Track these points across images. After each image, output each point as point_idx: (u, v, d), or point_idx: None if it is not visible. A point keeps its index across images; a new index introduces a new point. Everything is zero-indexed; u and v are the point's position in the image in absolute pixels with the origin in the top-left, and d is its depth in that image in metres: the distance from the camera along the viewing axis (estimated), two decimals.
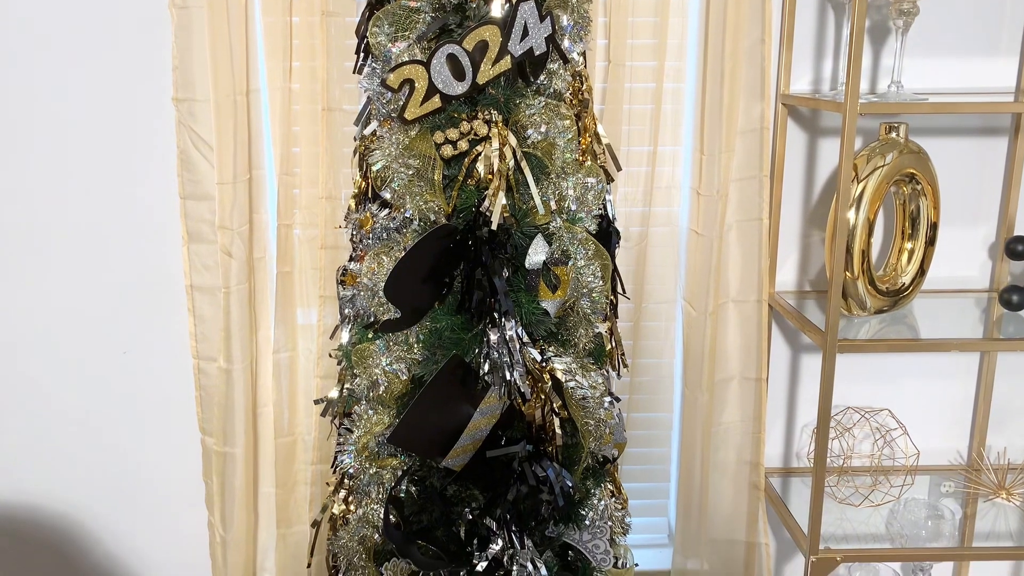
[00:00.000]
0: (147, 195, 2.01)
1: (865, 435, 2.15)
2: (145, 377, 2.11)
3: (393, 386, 1.55)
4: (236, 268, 1.95)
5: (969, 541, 1.97)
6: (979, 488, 2.10)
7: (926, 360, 2.17)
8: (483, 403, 1.49)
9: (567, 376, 1.53)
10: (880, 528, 1.99)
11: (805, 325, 1.89)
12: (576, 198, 1.50)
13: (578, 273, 1.51)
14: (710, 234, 1.99)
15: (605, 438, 1.60)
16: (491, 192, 1.41)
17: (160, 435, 2.15)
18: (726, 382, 2.08)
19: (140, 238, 2.04)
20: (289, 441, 2.06)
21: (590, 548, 1.59)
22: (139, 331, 2.09)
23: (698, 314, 2.05)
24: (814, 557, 1.84)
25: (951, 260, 2.09)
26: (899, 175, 1.84)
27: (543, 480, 1.49)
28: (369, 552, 1.59)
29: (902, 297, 1.94)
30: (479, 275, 1.45)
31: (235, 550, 2.09)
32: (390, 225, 1.54)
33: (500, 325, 1.47)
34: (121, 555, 2.22)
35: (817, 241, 2.11)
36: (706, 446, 2.11)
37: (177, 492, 2.17)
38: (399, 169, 1.41)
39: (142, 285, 2.06)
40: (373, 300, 1.54)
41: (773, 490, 2.12)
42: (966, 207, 2.08)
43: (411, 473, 1.56)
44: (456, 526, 1.55)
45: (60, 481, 2.17)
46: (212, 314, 2.00)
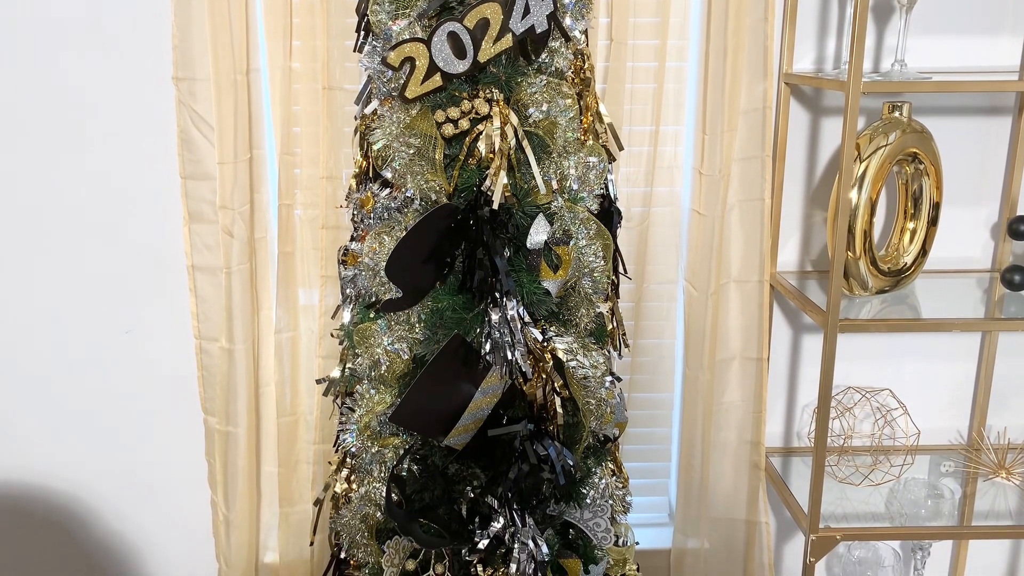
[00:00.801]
0: (148, 175, 2.00)
1: (866, 415, 2.16)
2: (147, 357, 2.12)
3: (395, 366, 1.56)
4: (237, 248, 1.95)
5: (968, 520, 1.98)
6: (979, 467, 2.10)
7: (927, 340, 2.17)
8: (484, 382, 1.50)
9: (568, 355, 1.54)
10: (880, 507, 2.00)
11: (806, 305, 1.89)
12: (578, 177, 1.49)
13: (579, 253, 1.51)
14: (712, 214, 1.99)
15: (606, 417, 1.61)
16: (492, 171, 1.40)
17: (163, 414, 2.16)
18: (727, 362, 2.09)
19: (141, 218, 2.04)
20: (291, 421, 2.07)
21: (591, 526, 1.60)
22: (141, 311, 2.09)
23: (699, 294, 2.05)
24: (814, 535, 1.85)
25: (953, 240, 2.09)
26: (902, 155, 1.83)
27: (544, 459, 1.49)
28: (371, 530, 1.60)
29: (904, 277, 1.94)
30: (480, 255, 1.44)
31: (238, 529, 2.11)
32: (391, 205, 1.54)
33: (501, 305, 1.47)
34: (124, 534, 2.24)
35: (819, 221, 2.10)
36: (707, 426, 2.11)
37: (180, 471, 2.18)
38: (400, 148, 1.41)
39: (143, 265, 2.06)
40: (374, 280, 1.54)
41: (774, 469, 2.13)
42: (969, 187, 2.08)
43: (413, 452, 1.56)
44: (458, 504, 1.56)
45: (63, 460, 2.18)
46: (213, 294, 2.00)
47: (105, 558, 2.25)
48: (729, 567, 2.21)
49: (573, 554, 1.60)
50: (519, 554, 1.49)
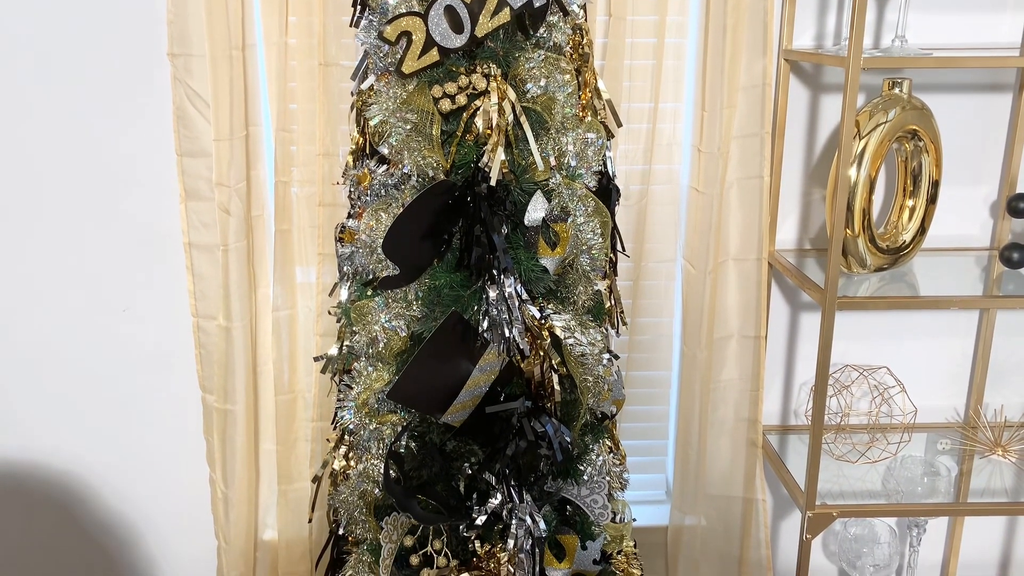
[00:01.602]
0: (144, 152, 1.99)
1: (863, 393, 2.16)
2: (145, 335, 2.12)
3: (392, 343, 1.55)
4: (234, 225, 1.94)
5: (964, 497, 1.99)
6: (975, 445, 2.11)
7: (925, 318, 2.17)
8: (482, 360, 1.50)
9: (566, 333, 1.53)
10: (876, 485, 2.01)
11: (805, 282, 1.88)
12: (576, 154, 1.48)
13: (577, 230, 1.50)
14: (711, 192, 1.98)
15: (604, 394, 1.61)
16: (490, 148, 1.40)
17: (161, 392, 2.16)
18: (725, 340, 2.09)
19: (137, 196, 2.03)
20: (289, 398, 2.07)
21: (588, 503, 1.60)
22: (138, 289, 2.09)
23: (698, 272, 2.05)
24: (810, 512, 1.86)
25: (952, 218, 2.09)
26: (902, 132, 1.83)
27: (542, 436, 1.50)
28: (369, 507, 1.60)
29: (902, 255, 1.93)
30: (478, 232, 1.44)
31: (237, 506, 2.11)
32: (388, 181, 1.53)
33: (499, 282, 1.46)
34: (123, 511, 2.24)
35: (818, 199, 2.10)
36: (704, 404, 2.12)
37: (179, 449, 2.19)
38: (397, 124, 1.40)
39: (140, 243, 2.06)
40: (372, 257, 1.53)
41: (771, 447, 2.14)
42: (968, 165, 2.07)
43: (411, 429, 1.57)
44: (455, 481, 1.56)
45: (62, 438, 2.18)
46: (211, 272, 2.00)
47: (104, 536, 2.26)
48: (726, 544, 2.23)
49: (570, 530, 1.61)
50: (517, 530, 1.50)
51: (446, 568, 1.56)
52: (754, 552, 2.21)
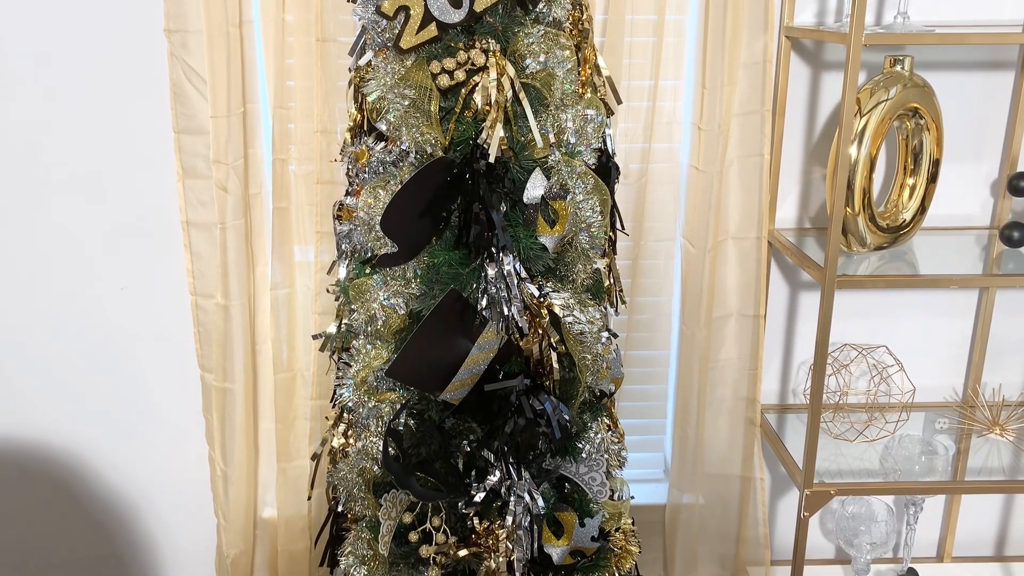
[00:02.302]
0: (141, 129, 1.98)
1: (862, 372, 2.16)
2: (144, 313, 2.11)
3: (391, 321, 1.55)
4: (232, 203, 1.93)
5: (962, 475, 2.00)
6: (973, 424, 2.11)
7: (925, 297, 2.17)
8: (481, 338, 1.49)
9: (565, 311, 1.53)
10: (874, 464, 2.01)
11: (804, 261, 1.88)
12: (575, 131, 1.47)
13: (576, 208, 1.50)
14: (710, 170, 1.97)
15: (602, 373, 1.61)
16: (488, 124, 1.39)
17: (160, 371, 2.16)
18: (724, 319, 2.09)
19: (135, 173, 2.02)
20: (288, 377, 2.07)
21: (587, 480, 1.61)
22: (136, 267, 2.08)
23: (697, 251, 2.04)
24: (808, 490, 1.86)
25: (953, 197, 2.08)
26: (903, 109, 1.82)
27: (540, 413, 1.50)
28: (368, 484, 1.61)
29: (902, 234, 1.93)
30: (477, 209, 1.43)
31: (236, 484, 2.12)
32: (386, 159, 1.52)
33: (498, 260, 1.46)
34: (123, 488, 2.25)
35: (818, 177, 2.09)
36: (703, 382, 2.12)
37: (178, 427, 2.19)
38: (395, 100, 1.39)
39: (138, 221, 2.05)
40: (370, 235, 1.52)
41: (769, 426, 2.14)
42: (969, 143, 2.06)
43: (409, 407, 1.57)
44: (454, 458, 1.57)
45: (62, 416, 2.18)
46: (209, 250, 1.99)
47: (104, 513, 2.27)
48: (723, 522, 2.24)
49: (569, 508, 1.61)
50: (515, 507, 1.50)
51: (445, 545, 1.56)
52: (752, 530, 2.22)
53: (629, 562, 1.77)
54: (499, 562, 1.54)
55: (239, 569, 2.19)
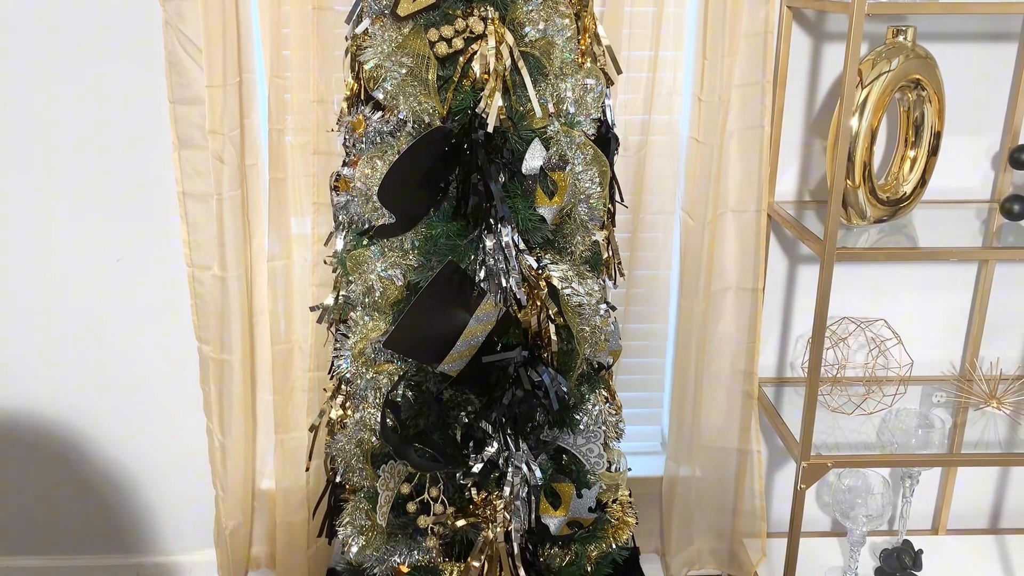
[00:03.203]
0: (137, 99, 1.96)
1: (860, 345, 2.16)
2: (141, 285, 2.11)
3: (388, 292, 1.55)
4: (228, 174, 1.92)
5: (958, 448, 2.00)
6: (970, 398, 2.12)
7: (924, 271, 2.16)
8: (479, 310, 1.49)
9: (563, 283, 1.53)
10: (871, 437, 2.02)
11: (804, 234, 1.87)
12: (575, 100, 1.46)
13: (576, 179, 1.49)
14: (711, 142, 1.96)
15: (600, 345, 1.61)
16: (487, 93, 1.37)
17: (158, 342, 2.15)
18: (723, 292, 2.08)
19: (131, 144, 2.00)
20: (286, 349, 2.07)
21: (584, 452, 1.61)
22: (133, 239, 2.07)
23: (696, 224, 2.03)
24: (805, 463, 1.87)
25: (953, 170, 2.07)
26: (905, 81, 1.80)
27: (538, 385, 1.50)
28: (366, 455, 1.61)
29: (902, 207, 1.92)
30: (475, 180, 1.42)
31: (234, 455, 2.12)
32: (383, 128, 1.51)
33: (496, 231, 1.45)
34: (121, 460, 2.26)
35: (819, 150, 2.08)
36: (701, 355, 2.12)
37: (176, 399, 2.19)
38: (392, 68, 1.37)
39: (134, 192, 2.04)
40: (367, 205, 1.52)
41: (766, 399, 2.14)
42: (971, 116, 2.05)
43: (407, 378, 1.57)
44: (452, 429, 1.57)
45: (59, 387, 2.18)
46: (205, 222, 1.98)
47: (103, 485, 2.27)
48: (720, 494, 2.25)
49: (566, 479, 1.62)
50: (513, 478, 1.51)
51: (443, 515, 1.57)
52: (748, 502, 2.23)
53: (626, 533, 1.78)
54: (497, 532, 1.55)
55: (237, 540, 2.20)
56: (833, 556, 2.28)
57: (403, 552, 1.62)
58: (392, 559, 1.62)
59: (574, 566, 1.69)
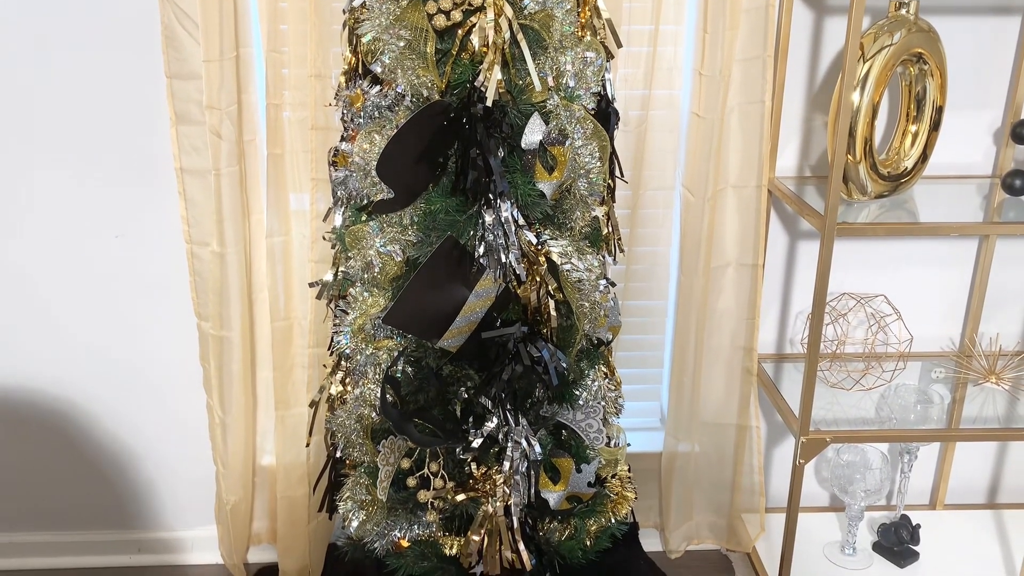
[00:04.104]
0: (133, 74, 1.95)
1: (859, 321, 2.16)
2: (139, 261, 2.10)
3: (387, 268, 1.54)
4: (226, 149, 1.91)
5: (956, 424, 2.01)
6: (969, 373, 2.12)
7: (924, 246, 2.16)
8: (478, 285, 1.49)
9: (563, 259, 1.52)
10: (870, 412, 2.02)
11: (804, 209, 1.87)
12: (574, 74, 1.45)
13: (575, 153, 1.48)
14: (711, 116, 1.95)
15: (600, 320, 1.61)
16: (486, 66, 1.36)
17: (157, 319, 2.15)
18: (722, 268, 2.08)
19: (128, 119, 1.99)
20: (285, 325, 2.07)
21: (583, 427, 1.61)
22: (131, 215, 2.07)
23: (696, 200, 2.02)
24: (804, 438, 1.87)
25: (955, 145, 2.05)
26: (907, 55, 1.78)
27: (538, 360, 1.50)
28: (367, 430, 1.61)
29: (903, 182, 1.91)
30: (474, 154, 1.41)
31: (234, 431, 2.13)
32: (382, 103, 1.50)
33: (495, 207, 1.45)
34: (122, 436, 2.26)
35: (820, 125, 2.06)
36: (700, 331, 2.12)
37: (176, 375, 2.19)
38: (390, 41, 1.36)
39: (131, 168, 2.03)
40: (366, 180, 1.51)
41: (765, 375, 2.15)
42: (973, 90, 2.03)
43: (407, 354, 1.57)
44: (452, 405, 1.57)
45: (59, 364, 2.18)
46: (203, 197, 1.97)
47: (104, 462, 2.28)
48: (719, 470, 2.25)
49: (565, 454, 1.62)
50: (512, 452, 1.51)
51: (443, 490, 1.57)
52: (747, 478, 2.24)
53: (625, 508, 1.79)
54: (496, 506, 1.56)
55: (238, 515, 2.21)
56: (831, 531, 2.29)
57: (403, 526, 1.63)
58: (392, 533, 1.63)
59: (573, 540, 1.70)
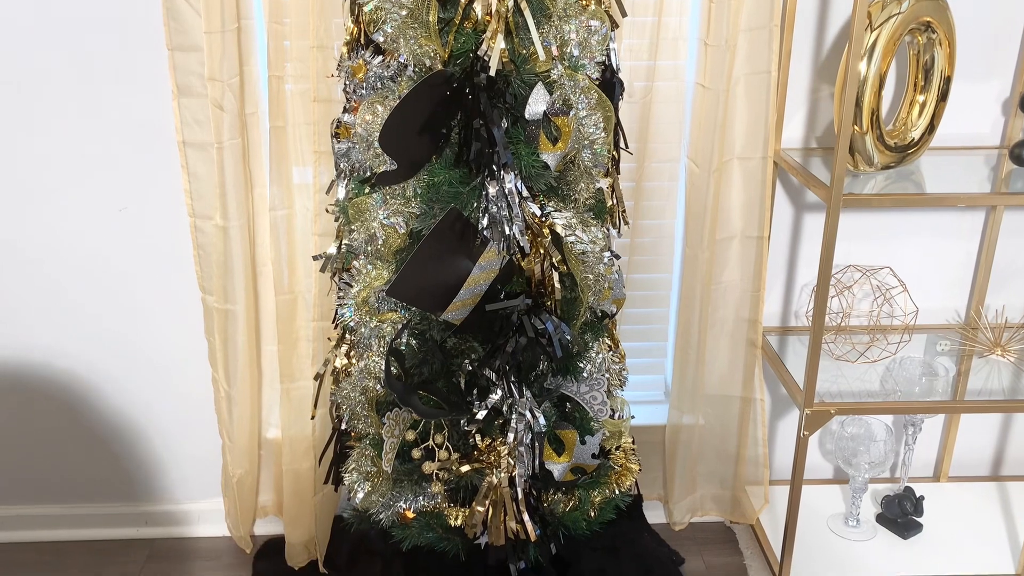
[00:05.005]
0: (134, 47, 1.93)
1: (865, 294, 2.15)
2: (143, 235, 2.10)
3: (391, 240, 1.54)
4: (228, 122, 1.89)
5: (961, 396, 2.00)
6: (975, 346, 2.12)
7: (930, 218, 2.15)
8: (482, 258, 1.48)
9: (567, 231, 1.52)
10: (875, 385, 2.02)
11: (810, 180, 1.85)
12: (579, 43, 1.44)
13: (579, 124, 1.47)
14: (717, 87, 1.93)
15: (604, 293, 1.60)
16: (489, 35, 1.35)
17: (161, 293, 2.15)
18: (727, 240, 2.07)
19: (130, 92, 1.98)
20: (289, 299, 2.07)
21: (587, 399, 1.62)
22: (134, 189, 2.06)
23: (701, 171, 2.01)
24: (808, 410, 1.87)
25: (963, 116, 2.03)
26: (915, 23, 1.76)
27: (542, 333, 1.50)
28: (371, 402, 1.62)
29: (910, 153, 1.89)
30: (477, 125, 1.41)
31: (240, 405, 2.13)
32: (384, 73, 1.49)
33: (499, 178, 1.44)
34: (128, 410, 2.27)
35: (826, 96, 2.04)
36: (705, 304, 2.11)
37: (181, 349, 2.19)
38: (392, 10, 1.35)
39: (134, 141, 2.02)
40: (368, 152, 1.50)
41: (770, 347, 2.14)
42: (981, 60, 2.01)
43: (411, 326, 1.57)
44: (456, 377, 1.57)
45: (65, 338, 2.18)
46: (206, 171, 1.96)
47: (110, 435, 2.29)
48: (723, 442, 2.26)
49: (569, 426, 1.63)
50: (517, 424, 1.52)
51: (447, 461, 1.58)
52: (751, 450, 2.24)
53: (629, 480, 1.79)
54: (501, 478, 1.56)
55: (244, 488, 2.23)
56: (835, 503, 2.30)
57: (408, 498, 1.64)
58: (397, 504, 1.64)
59: (577, 511, 1.71)
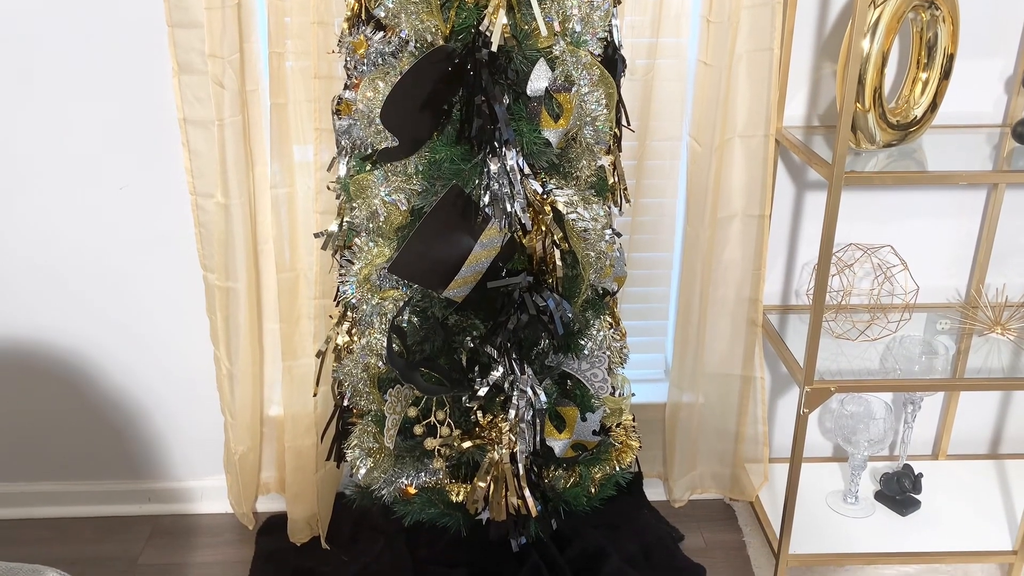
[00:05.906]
0: (134, 24, 1.92)
1: (866, 272, 2.15)
2: (144, 213, 2.10)
3: (392, 217, 1.54)
4: (229, 99, 1.89)
5: (961, 373, 2.01)
6: (975, 324, 2.12)
7: (932, 197, 2.14)
8: (483, 235, 1.49)
9: (568, 208, 1.52)
10: (875, 363, 2.03)
11: (812, 158, 1.85)
12: (581, 18, 1.43)
13: (581, 101, 1.46)
14: (719, 64, 1.92)
15: (605, 270, 1.61)
16: (491, 11, 1.34)
17: (163, 271, 2.15)
18: (729, 219, 2.07)
19: (130, 70, 1.97)
20: (291, 276, 2.07)
21: (588, 376, 1.62)
22: (135, 166, 2.06)
23: (703, 149, 2.01)
24: (808, 387, 1.88)
25: (966, 94, 2.03)
26: (919, 0, 1.75)
27: (543, 310, 1.50)
28: (373, 379, 1.62)
29: (912, 131, 1.89)
30: (479, 101, 1.40)
31: (242, 382, 2.14)
32: (385, 49, 1.48)
33: (500, 155, 1.44)
34: (130, 387, 2.28)
35: (829, 74, 2.04)
36: (705, 283, 2.12)
37: (183, 327, 2.20)
38: None
39: (134, 119, 2.01)
40: (370, 128, 1.50)
41: (771, 326, 2.15)
42: (985, 38, 2.00)
43: (413, 304, 1.57)
44: (458, 354, 1.58)
45: (67, 317, 2.19)
46: (206, 149, 1.96)
47: (112, 412, 2.30)
48: (723, 420, 2.27)
49: (571, 402, 1.63)
50: (518, 401, 1.52)
51: (449, 437, 1.59)
52: (751, 428, 2.26)
53: (629, 456, 1.80)
54: (502, 454, 1.57)
55: (247, 465, 2.24)
56: (834, 480, 2.31)
57: (410, 474, 1.65)
58: (399, 481, 1.65)
59: (578, 488, 1.72)
